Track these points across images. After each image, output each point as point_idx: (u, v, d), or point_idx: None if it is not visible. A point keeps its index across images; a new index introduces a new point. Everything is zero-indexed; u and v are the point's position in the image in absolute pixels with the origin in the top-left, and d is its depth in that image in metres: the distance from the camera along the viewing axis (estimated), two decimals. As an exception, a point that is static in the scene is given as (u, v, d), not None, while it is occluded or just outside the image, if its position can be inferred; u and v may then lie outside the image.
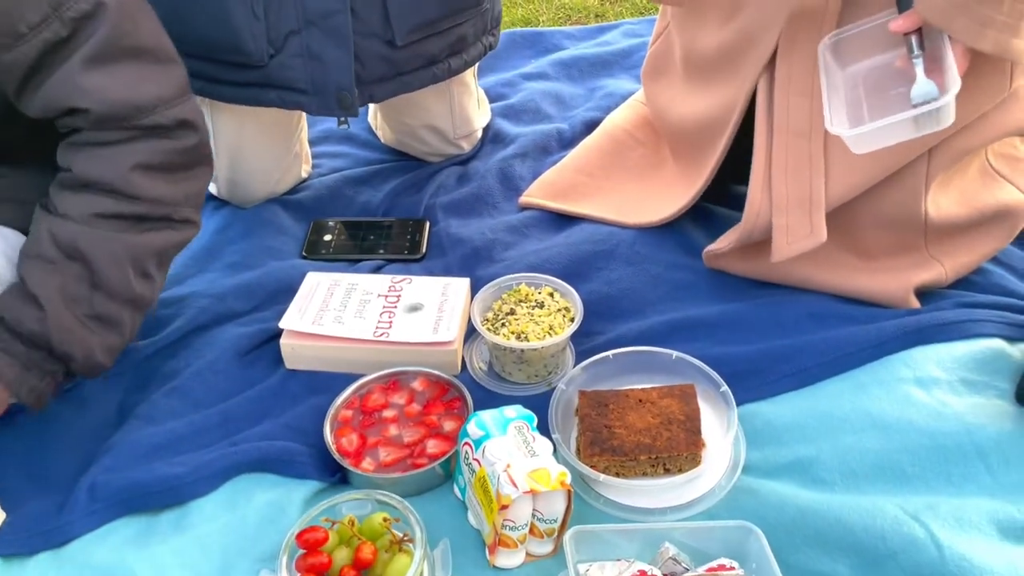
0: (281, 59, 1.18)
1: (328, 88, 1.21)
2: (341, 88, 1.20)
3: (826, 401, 0.98)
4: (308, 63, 1.19)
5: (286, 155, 1.36)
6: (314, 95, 1.21)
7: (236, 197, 1.36)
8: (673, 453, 0.93)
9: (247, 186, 1.34)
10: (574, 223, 1.30)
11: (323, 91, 1.21)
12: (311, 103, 1.22)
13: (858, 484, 0.90)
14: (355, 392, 1.03)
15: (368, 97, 1.25)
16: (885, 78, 0.99)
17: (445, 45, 1.27)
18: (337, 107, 1.22)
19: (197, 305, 1.16)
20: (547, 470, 0.86)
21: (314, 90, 1.21)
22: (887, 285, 1.10)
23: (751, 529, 0.84)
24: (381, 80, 1.24)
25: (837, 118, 0.97)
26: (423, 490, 0.95)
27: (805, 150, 1.07)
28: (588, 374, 1.03)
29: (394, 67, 1.24)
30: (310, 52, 1.18)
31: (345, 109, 1.22)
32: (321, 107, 1.23)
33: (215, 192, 1.38)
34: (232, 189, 1.36)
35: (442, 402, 1.02)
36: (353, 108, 1.23)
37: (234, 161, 1.32)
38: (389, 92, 1.27)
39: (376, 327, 1.09)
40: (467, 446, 0.91)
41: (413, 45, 1.23)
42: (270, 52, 1.18)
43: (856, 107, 0.99)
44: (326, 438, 0.97)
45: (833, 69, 1.01)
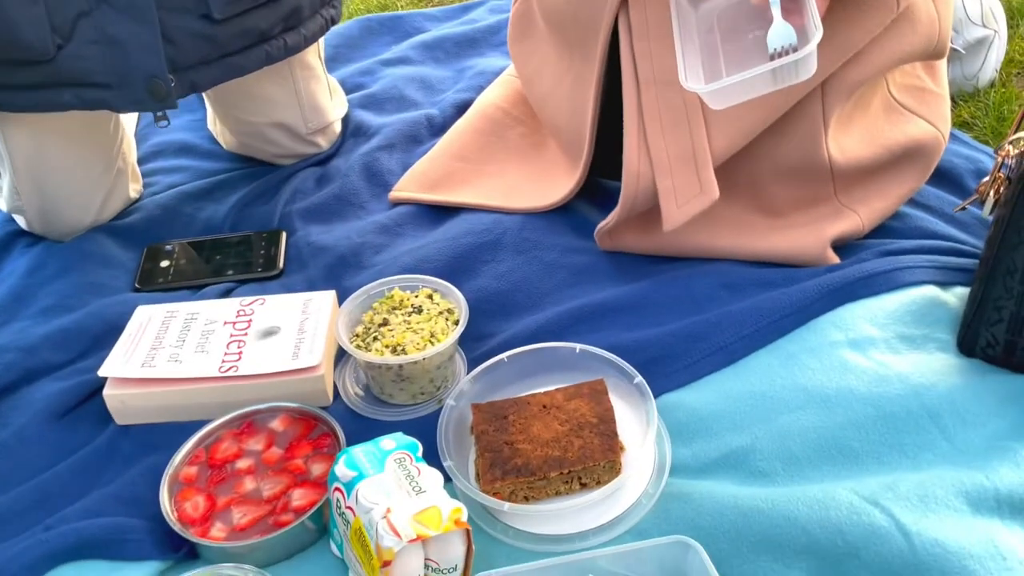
0: (72, 49, 0.98)
1: (134, 77, 1.01)
2: (151, 75, 1.01)
3: (754, 379, 0.85)
4: (106, 50, 0.98)
5: (104, 173, 1.15)
6: (119, 88, 1.01)
7: (53, 230, 1.15)
8: (588, 464, 0.78)
9: (62, 215, 1.13)
10: (453, 215, 1.14)
11: (129, 82, 1.01)
12: (116, 98, 1.02)
13: (803, 471, 0.77)
14: (200, 443, 0.85)
15: (189, 86, 1.06)
16: (741, 18, 0.87)
17: (276, 18, 1.09)
18: (149, 99, 1.02)
19: (1, 362, 0.95)
20: (437, 509, 0.70)
21: (118, 82, 1.01)
22: (800, 242, 0.98)
23: (689, 544, 0.69)
24: (202, 63, 1.05)
25: (692, 72, 0.85)
26: (292, 553, 0.77)
27: (679, 100, 0.94)
28: (481, 384, 0.88)
29: (216, 47, 1.05)
30: (106, 36, 0.98)
31: (160, 100, 1.03)
32: (129, 101, 1.03)
33: (25, 226, 1.16)
34: (45, 221, 1.14)
35: (308, 441, 0.85)
36: (169, 98, 1.03)
37: (39, 185, 1.10)
38: (214, 77, 1.08)
39: (222, 361, 0.90)
40: (338, 492, 0.74)
41: (236, 19, 1.04)
42: (57, 42, 0.97)
43: (712, 55, 0.87)
44: (163, 505, 0.78)
45: (685, 9, 0.89)
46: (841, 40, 0.91)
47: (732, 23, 0.88)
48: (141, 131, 1.38)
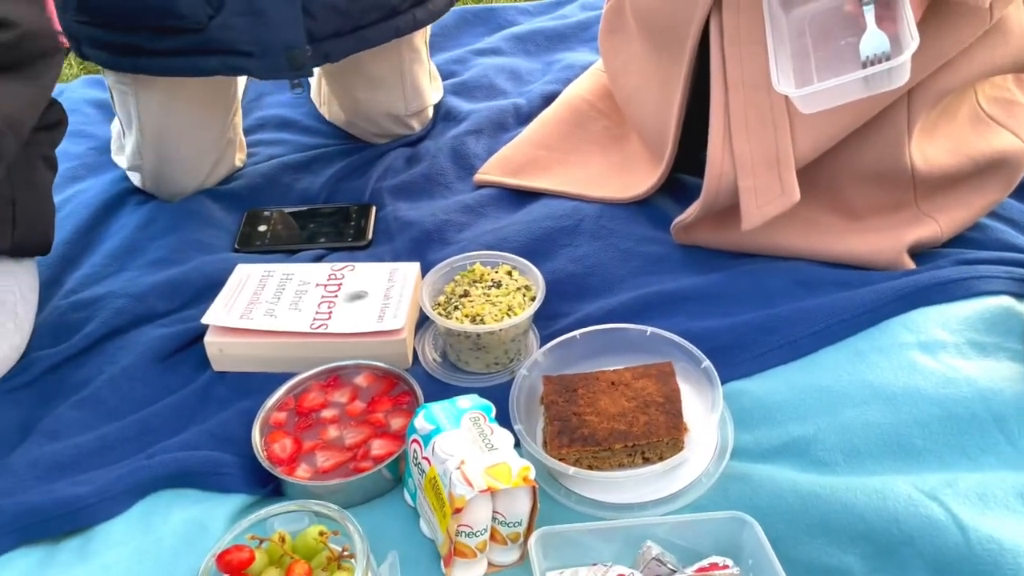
0: (221, 19, 1.05)
1: (275, 47, 1.08)
2: (290, 45, 1.08)
3: (821, 374, 0.87)
4: (251, 20, 1.06)
5: (219, 140, 1.23)
6: (261, 57, 1.08)
7: (163, 190, 1.24)
8: (652, 439, 0.82)
9: (175, 177, 1.22)
10: (534, 199, 1.18)
11: (270, 51, 1.08)
12: (258, 66, 1.10)
13: (863, 463, 0.79)
14: (289, 392, 0.91)
15: (323, 56, 1.12)
16: (833, 24, 0.89)
17: None
18: (287, 67, 1.09)
19: (112, 307, 1.04)
20: (507, 465, 0.74)
21: (260, 51, 1.08)
22: (877, 245, 1.00)
23: (745, 520, 0.72)
24: (336, 35, 1.11)
25: (784, 75, 0.87)
26: (368, 498, 0.83)
27: (765, 103, 0.96)
28: (553, 358, 0.92)
29: (350, 19, 1.11)
30: (252, 7, 1.05)
31: (296, 69, 1.10)
32: (269, 68, 1.10)
33: (139, 184, 1.25)
34: (158, 181, 1.23)
35: (389, 398, 0.90)
36: (305, 67, 1.10)
37: (161, 147, 1.19)
38: (347, 48, 1.14)
39: (313, 319, 0.97)
40: (415, 443, 0.79)
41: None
42: (208, 13, 1.06)
43: (803, 60, 0.89)
44: (255, 444, 0.84)
45: (778, 14, 0.91)
46: (932, 49, 0.91)
47: (824, 29, 0.90)
48: (245, 105, 1.46)
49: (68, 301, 1.06)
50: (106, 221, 1.21)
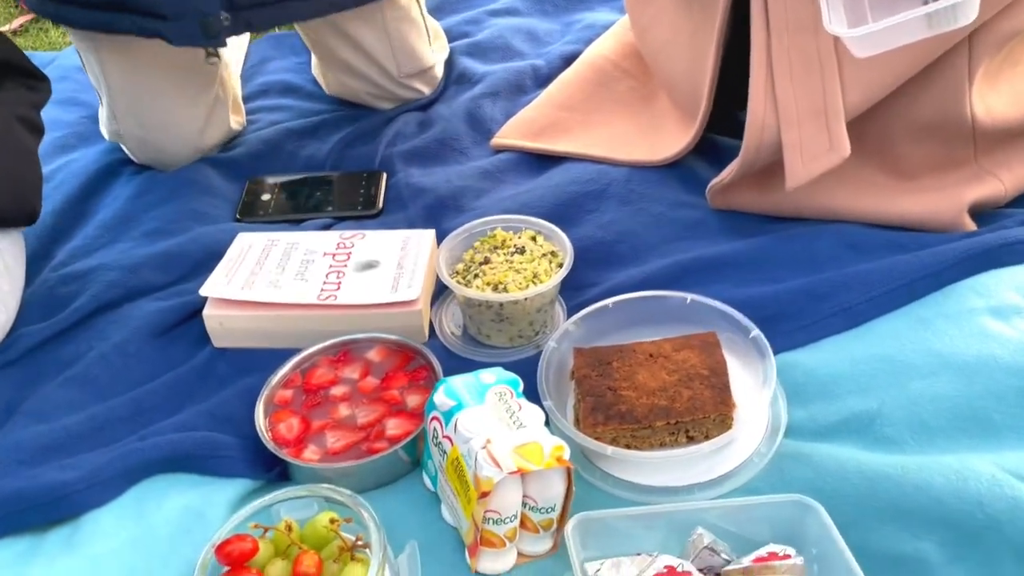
0: None
1: (188, 12, 1.01)
2: (205, 12, 1.01)
3: (881, 343, 0.79)
4: None
5: (199, 98, 1.15)
6: (174, 21, 1.01)
7: (155, 158, 1.16)
8: (698, 416, 0.74)
9: (163, 142, 1.14)
10: (556, 163, 1.10)
11: (183, 16, 1.01)
12: (171, 30, 1.03)
13: (934, 441, 0.71)
14: (295, 368, 0.83)
15: (245, 24, 1.05)
16: None
17: None
18: (201, 35, 1.03)
19: (104, 280, 0.96)
20: (538, 444, 0.67)
21: (174, 15, 1.01)
22: (935, 206, 0.91)
23: (809, 505, 0.64)
24: (259, 4, 1.04)
25: (835, 14, 0.78)
26: (383, 482, 0.75)
27: (812, 48, 0.88)
28: (584, 329, 0.84)
29: None
30: None
31: (211, 37, 1.03)
32: (182, 35, 1.03)
33: (131, 155, 1.18)
34: (146, 148, 1.15)
35: (405, 373, 0.82)
36: (219, 36, 1.03)
37: (137, 111, 1.12)
38: (272, 18, 1.07)
39: (321, 290, 0.89)
40: (435, 421, 0.71)
41: None
42: None
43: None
44: (258, 424, 0.77)
45: None
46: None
47: None
48: (248, 70, 1.38)
49: (57, 274, 0.99)
50: (98, 191, 1.14)
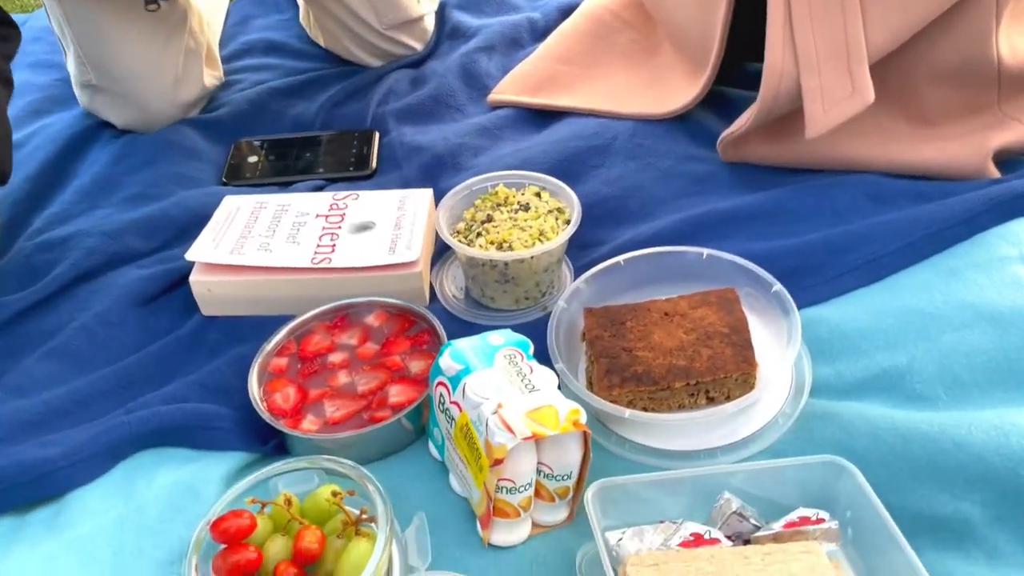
0: None
1: None
2: None
3: (909, 296, 0.75)
4: None
5: (167, 47, 1.09)
6: None
7: (131, 118, 1.10)
8: (719, 375, 0.69)
9: (135, 93, 1.07)
10: (557, 119, 1.05)
11: None
12: None
13: (970, 396, 0.67)
14: (290, 335, 0.79)
15: None
16: None
17: None
18: None
19: (84, 246, 0.91)
20: (553, 408, 0.62)
21: None
22: (958, 153, 0.87)
23: (843, 466, 0.60)
24: None
25: None
26: (387, 452, 0.71)
27: None
28: (594, 288, 0.79)
29: None
30: None
31: None
32: None
33: (109, 118, 1.12)
34: (119, 107, 1.09)
35: (406, 338, 0.78)
36: None
37: (104, 65, 1.06)
38: None
39: (315, 253, 0.84)
40: (441, 387, 0.67)
41: None
42: None
43: None
44: (252, 394, 0.72)
45: None
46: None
47: None
48: (230, 29, 1.32)
49: (34, 242, 0.94)
50: (75, 156, 1.08)
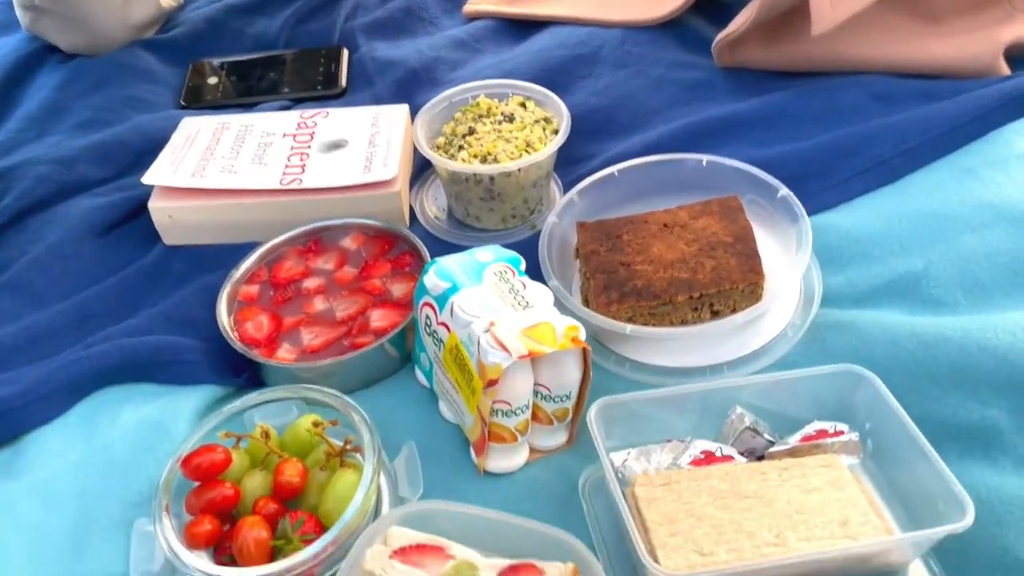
0: None
1: None
2: None
3: (923, 197, 0.70)
4: None
5: None
6: None
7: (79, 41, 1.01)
8: (724, 287, 0.65)
9: (82, 18, 0.99)
10: (539, 28, 0.99)
11: None
12: None
13: (992, 298, 0.63)
14: (260, 261, 0.73)
15: None
16: None
17: None
18: None
19: (33, 175, 0.84)
20: (550, 324, 0.57)
21: None
22: (967, 50, 0.82)
23: (862, 375, 0.56)
24: None
25: None
26: (371, 380, 0.66)
27: None
28: (587, 201, 0.74)
29: None
30: None
31: None
32: None
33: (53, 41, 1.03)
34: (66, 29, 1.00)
35: (387, 260, 0.73)
36: None
37: None
38: None
39: (284, 173, 0.78)
40: (427, 307, 0.62)
41: None
42: None
43: None
44: (221, 323, 0.67)
45: None
46: None
47: None
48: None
49: (-22, 174, 0.86)
50: (21, 81, 1.00)
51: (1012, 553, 0.50)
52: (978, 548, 0.51)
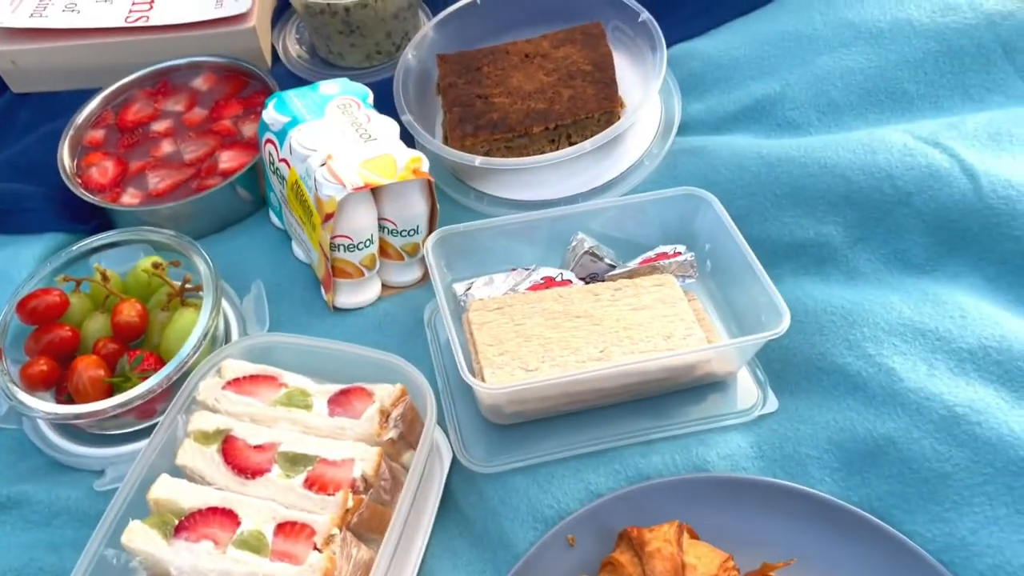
0: None
1: None
2: None
3: (789, 19, 0.69)
4: None
5: None
6: None
7: None
8: (580, 116, 0.64)
9: None
10: None
11: None
12: None
13: (843, 119, 0.63)
14: (106, 104, 0.70)
15: None
16: None
17: None
18: None
19: None
20: (390, 156, 0.56)
21: None
22: None
23: (700, 196, 0.56)
24: None
25: None
26: (224, 223, 0.65)
27: None
28: (446, 34, 0.71)
29: None
30: None
31: None
32: None
33: None
34: None
35: (239, 100, 0.70)
36: None
37: None
38: None
39: (129, 11, 0.73)
40: (269, 144, 0.60)
41: None
42: None
43: None
44: (62, 168, 0.64)
45: None
46: None
47: None
48: None
49: None
50: None
51: (829, 358, 0.52)
52: (799, 356, 0.53)
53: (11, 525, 0.51)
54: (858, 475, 0.48)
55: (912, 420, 0.48)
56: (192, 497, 0.45)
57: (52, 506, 0.51)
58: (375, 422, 0.48)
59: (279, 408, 0.49)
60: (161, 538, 0.44)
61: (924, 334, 0.51)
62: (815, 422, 0.50)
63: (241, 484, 0.46)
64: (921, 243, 0.55)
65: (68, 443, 0.54)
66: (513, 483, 0.49)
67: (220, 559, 0.43)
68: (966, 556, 0.44)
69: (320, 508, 0.45)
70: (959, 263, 0.54)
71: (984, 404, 0.47)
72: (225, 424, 0.48)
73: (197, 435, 0.48)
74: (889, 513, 0.46)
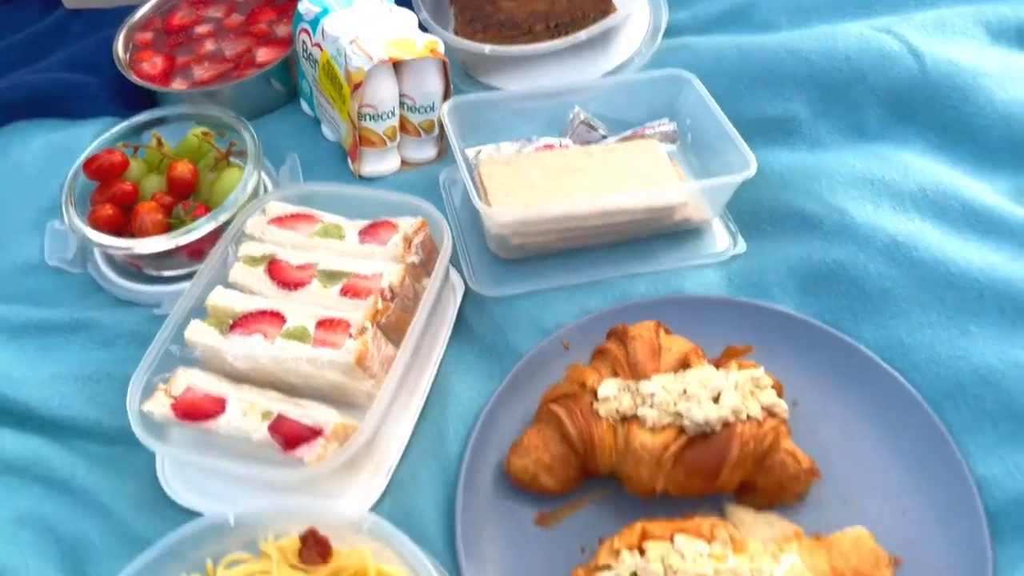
0: None
1: None
2: None
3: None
4: None
5: None
6: None
7: None
8: (577, 15, 0.72)
9: None
10: None
11: None
12: None
13: (809, 20, 0.71)
14: (155, 11, 0.78)
15: None
16: None
17: None
18: None
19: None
20: (410, 39, 0.64)
21: None
22: None
23: (683, 77, 0.65)
24: None
25: None
26: (261, 110, 0.73)
27: None
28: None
29: None
30: None
31: None
32: None
33: None
34: None
35: (273, 7, 0.78)
36: None
37: None
38: None
39: (175, -69, 0.81)
40: (303, 33, 0.68)
41: None
42: None
43: None
44: (117, 59, 0.72)
45: None
46: None
47: None
48: None
49: None
50: None
51: (793, 205, 0.59)
52: (766, 206, 0.61)
53: (79, 345, 0.59)
54: (813, 295, 0.56)
55: (859, 247, 0.56)
56: (244, 303, 0.53)
57: (116, 328, 0.59)
58: (400, 247, 0.56)
59: (316, 239, 0.57)
60: (218, 333, 0.52)
61: (872, 182, 0.59)
62: (777, 256, 0.58)
63: (285, 295, 0.54)
64: (875, 115, 0.63)
65: (128, 282, 0.62)
66: (517, 305, 0.57)
67: (270, 347, 0.51)
68: (903, 352, 0.52)
69: (354, 310, 0.52)
70: (907, 131, 0.63)
71: (921, 233, 0.55)
72: (270, 250, 0.56)
73: (246, 259, 0.56)
74: (839, 324, 0.54)
